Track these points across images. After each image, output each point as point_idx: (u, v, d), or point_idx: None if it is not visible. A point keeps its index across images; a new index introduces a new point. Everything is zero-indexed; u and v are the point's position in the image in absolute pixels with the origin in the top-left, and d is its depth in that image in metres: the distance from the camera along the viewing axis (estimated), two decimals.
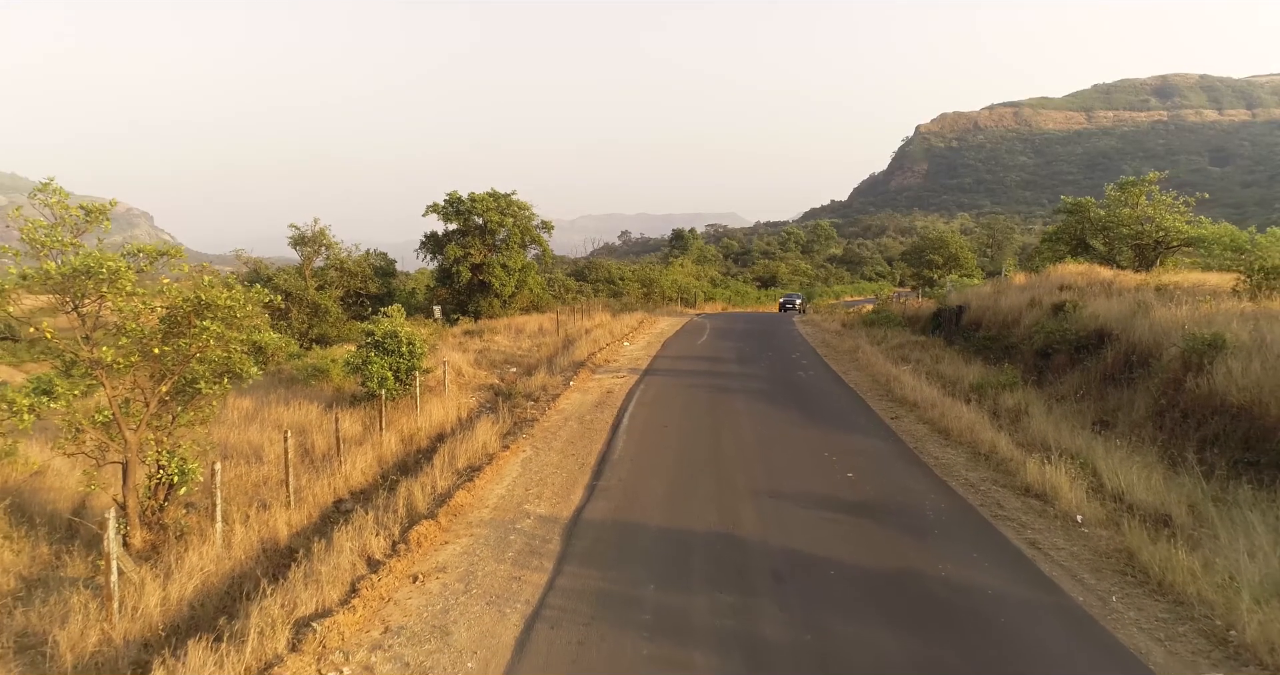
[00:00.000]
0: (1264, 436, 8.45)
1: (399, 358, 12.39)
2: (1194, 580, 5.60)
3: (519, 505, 7.66)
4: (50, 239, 6.30)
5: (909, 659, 4.73)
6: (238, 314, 6.96)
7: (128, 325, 6.30)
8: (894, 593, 5.67)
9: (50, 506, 8.30)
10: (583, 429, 10.99)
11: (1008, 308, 17.68)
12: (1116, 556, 6.30)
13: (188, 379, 7.10)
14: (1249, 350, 9.62)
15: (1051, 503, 7.52)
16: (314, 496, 8.30)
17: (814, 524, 7.03)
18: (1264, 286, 12.22)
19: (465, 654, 4.80)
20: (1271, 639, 4.72)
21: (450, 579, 5.91)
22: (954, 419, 10.69)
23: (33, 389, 6.86)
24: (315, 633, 4.90)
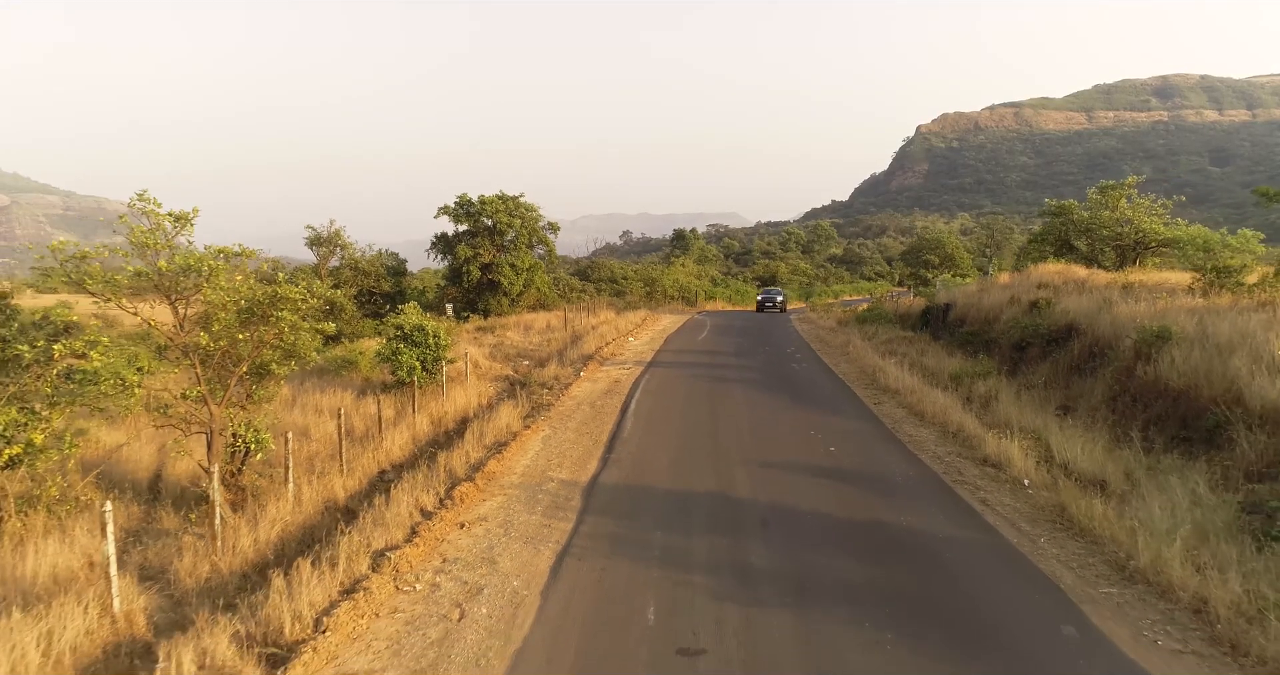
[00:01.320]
0: (1197, 416, 9.60)
1: (425, 349, 13.56)
2: (1109, 526, 6.76)
3: (543, 472, 8.84)
4: (153, 241, 7.47)
5: (868, 580, 5.89)
6: (303, 306, 8.14)
7: (218, 315, 7.48)
8: (861, 535, 6.84)
9: (130, 476, 9.48)
10: (594, 412, 12.16)
11: (989, 305, 18.82)
12: (1052, 511, 7.46)
13: (261, 361, 8.28)
14: (1191, 341, 10.76)
15: (1004, 470, 8.68)
16: (361, 467, 9.48)
17: (797, 486, 8.21)
18: (1215, 284, 13.33)
19: (510, 577, 5.97)
20: (1159, 564, 5.87)
21: (491, 526, 7.09)
22: (930, 403, 11.85)
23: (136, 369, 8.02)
24: (390, 560, 6.07)
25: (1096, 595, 5.67)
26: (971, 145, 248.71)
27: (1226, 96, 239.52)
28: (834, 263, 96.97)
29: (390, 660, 4.73)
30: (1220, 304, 12.32)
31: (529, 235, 33.27)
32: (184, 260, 7.25)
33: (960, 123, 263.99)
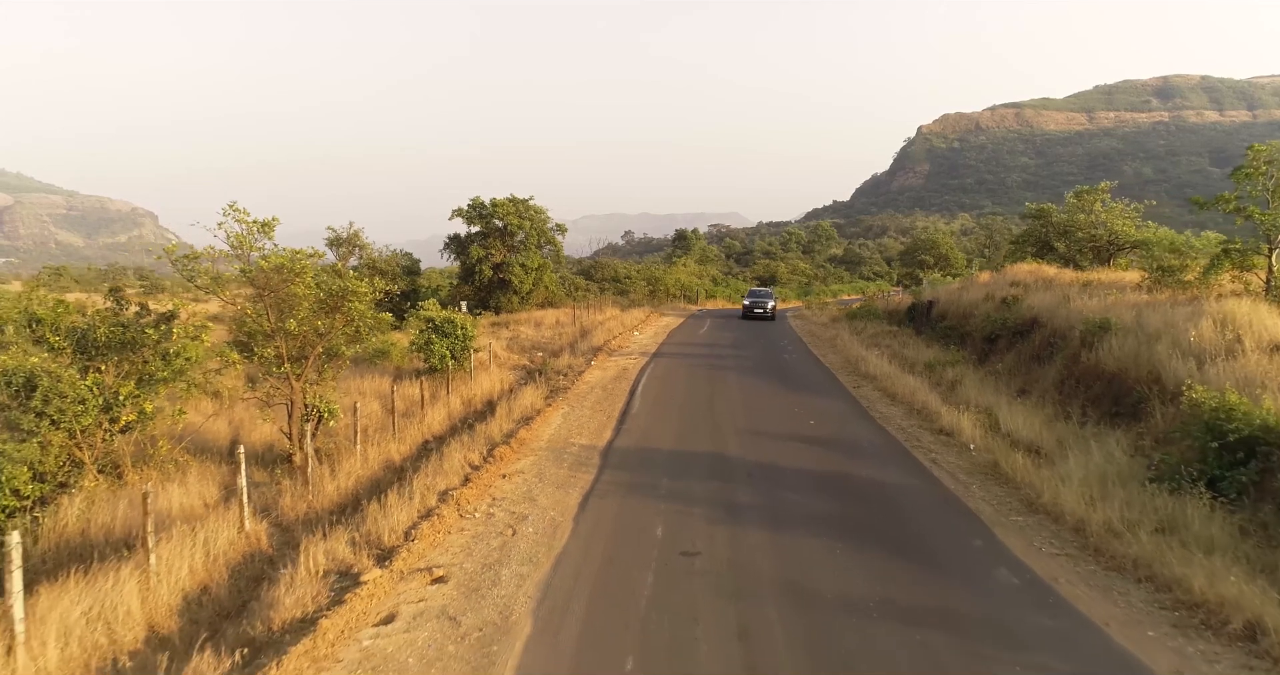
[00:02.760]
0: (1126, 394, 11.18)
1: (454, 339, 15.19)
2: (1028, 476, 8.35)
3: (566, 439, 10.46)
4: (248, 243, 9.10)
5: (829, 511, 7.50)
6: (367, 298, 9.76)
7: (303, 304, 9.10)
8: (828, 483, 8.45)
9: (212, 444, 11.12)
10: (606, 394, 13.78)
11: (967, 301, 20.40)
12: (987, 467, 9.06)
13: (331, 344, 9.90)
14: (1128, 331, 12.34)
15: (955, 438, 10.29)
16: (409, 437, 11.10)
17: (779, 449, 9.82)
18: (1159, 282, 14.89)
19: (548, 509, 7.58)
20: (1057, 500, 7.47)
21: (528, 476, 8.71)
22: (901, 387, 13.46)
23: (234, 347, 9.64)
24: (452, 497, 7.70)
25: (1005, 521, 7.28)
26: (972, 146, 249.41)
27: (1227, 97, 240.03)
28: (834, 263, 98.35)
29: (465, 558, 6.35)
30: (1159, 299, 13.89)
31: (538, 236, 34.89)
32: (277, 259, 8.87)
33: (961, 123, 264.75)
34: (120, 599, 5.38)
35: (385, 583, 5.74)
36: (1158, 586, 5.75)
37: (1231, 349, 10.25)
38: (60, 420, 8.35)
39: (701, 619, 5.23)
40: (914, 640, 4.96)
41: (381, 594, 5.58)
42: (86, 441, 8.71)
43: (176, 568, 5.99)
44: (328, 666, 4.60)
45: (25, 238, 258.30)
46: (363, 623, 5.16)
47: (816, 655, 4.77)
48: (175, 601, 5.71)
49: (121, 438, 9.16)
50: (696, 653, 4.79)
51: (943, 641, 4.94)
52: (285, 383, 9.53)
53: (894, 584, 5.82)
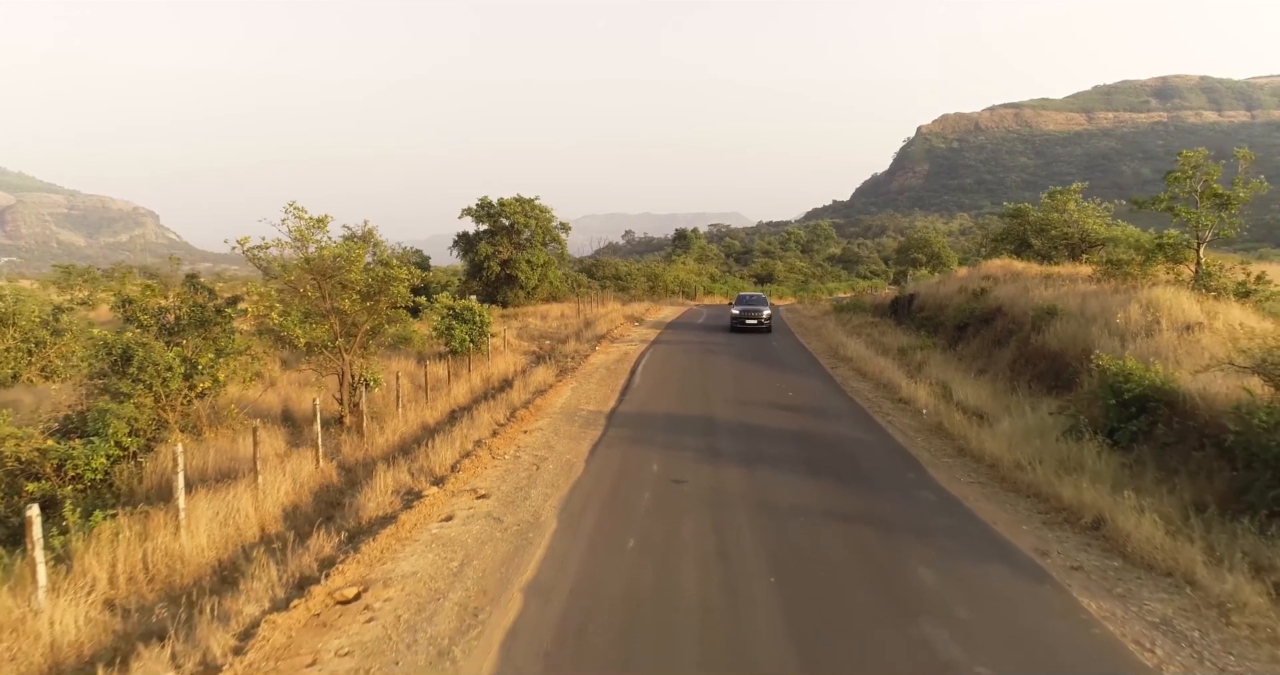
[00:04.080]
0: (1064, 369, 12.80)
1: (473, 325, 16.84)
2: (964, 431, 9.99)
3: (576, 406, 12.11)
4: (307, 235, 10.74)
5: (795, 455, 9.14)
6: (407, 283, 11.40)
7: (355, 287, 10.74)
8: (797, 437, 10.09)
9: (267, 412, 12.77)
10: (609, 373, 15.43)
11: (944, 294, 22.03)
12: (933, 427, 10.70)
13: (376, 323, 11.55)
14: (1072, 316, 13.96)
15: (911, 405, 11.93)
16: (438, 406, 12.74)
17: (760, 413, 11.47)
18: (1108, 274, 16.51)
19: (564, 454, 9.23)
20: (981, 447, 9.10)
21: (545, 432, 10.35)
22: (873, 367, 15.10)
23: (295, 324, 11.27)
24: (485, 444, 9.35)
25: (937, 462, 8.92)
26: (972, 146, 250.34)
27: (1226, 97, 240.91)
28: (832, 262, 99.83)
29: (500, 484, 8.00)
30: (1104, 289, 15.50)
31: (543, 234, 36.55)
32: (334, 249, 10.52)
33: (961, 123, 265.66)
34: (239, 506, 7.03)
35: (441, 497, 7.40)
36: (1040, 500, 7.40)
37: (1151, 329, 11.87)
38: (152, 384, 10.02)
39: (686, 519, 6.87)
40: (846, 531, 6.60)
41: (439, 503, 7.23)
42: (170, 404, 10.37)
43: (276, 488, 7.64)
44: (410, 542, 6.25)
45: (27, 237, 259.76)
46: (429, 519, 6.81)
47: (770, 541, 6.40)
48: (277, 512, 7.36)
49: (199, 402, 10.83)
50: (681, 538, 6.43)
51: (868, 532, 6.58)
52: (338, 355, 11.18)
53: (838, 500, 7.46)
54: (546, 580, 5.53)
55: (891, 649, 4.61)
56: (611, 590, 5.36)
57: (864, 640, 4.71)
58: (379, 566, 5.77)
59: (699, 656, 4.48)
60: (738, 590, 5.38)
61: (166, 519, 6.41)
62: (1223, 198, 13.80)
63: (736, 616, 4.98)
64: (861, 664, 4.44)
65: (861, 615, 5.04)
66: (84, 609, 5.04)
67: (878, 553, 6.12)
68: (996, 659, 4.46)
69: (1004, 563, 5.95)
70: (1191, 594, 5.30)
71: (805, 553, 6.10)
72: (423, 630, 4.78)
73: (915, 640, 4.69)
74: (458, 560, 5.91)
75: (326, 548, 6.14)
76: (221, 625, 4.74)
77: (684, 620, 4.91)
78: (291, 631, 4.75)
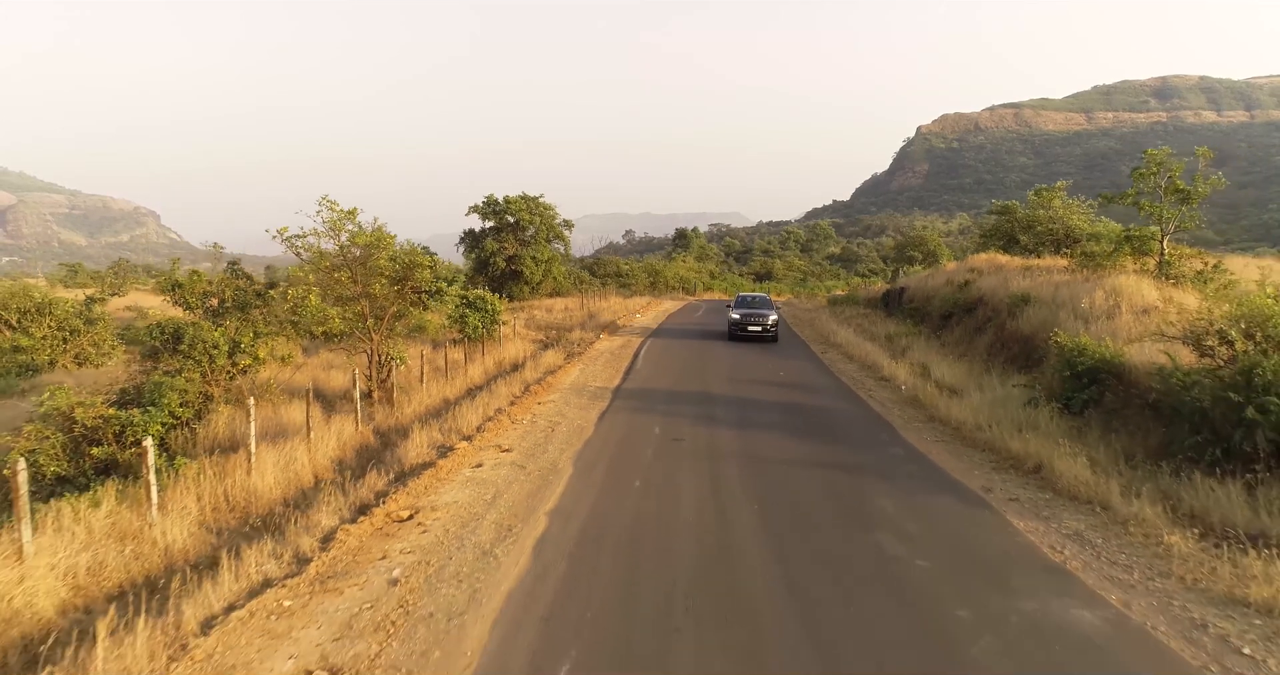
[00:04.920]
0: (1034, 350, 13.88)
1: (485, 313, 17.91)
2: (936, 402, 11.05)
3: (584, 383, 13.18)
4: (340, 225, 11.80)
5: (782, 422, 10.21)
6: (429, 270, 12.47)
7: (385, 273, 11.81)
8: (785, 407, 11.16)
9: (299, 389, 13.84)
10: (613, 357, 16.51)
11: (931, 287, 23.10)
12: (909, 399, 11.77)
13: (401, 307, 12.62)
14: (1043, 303, 15.02)
15: (891, 382, 13.00)
16: (457, 384, 13.82)
17: (752, 388, 12.54)
18: (1082, 265, 17.56)
19: (575, 420, 10.30)
20: (949, 413, 10.17)
21: (558, 403, 11.43)
22: (860, 351, 16.17)
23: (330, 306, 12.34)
24: (505, 411, 10.43)
25: (908, 426, 9.99)
26: (971, 146, 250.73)
27: (1225, 97, 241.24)
28: (831, 261, 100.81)
29: (521, 441, 9.07)
30: (1077, 278, 16.55)
31: (547, 231, 37.64)
32: (367, 238, 11.60)
33: (960, 123, 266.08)
34: (296, 456, 8.10)
35: (470, 450, 8.47)
36: (994, 454, 8.47)
37: (1112, 312, 12.94)
38: (200, 361, 11.10)
39: (683, 467, 7.94)
40: (822, 475, 7.66)
41: (470, 454, 8.31)
42: (216, 379, 11.44)
43: (324, 444, 8.72)
44: (448, 481, 7.33)
45: (28, 237, 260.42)
46: (462, 466, 7.89)
47: (755, 482, 7.47)
48: (327, 463, 8.43)
49: (241, 378, 11.91)
50: (679, 480, 7.50)
51: (841, 475, 7.65)
52: (367, 336, 12.26)
53: (817, 454, 8.53)
54: (566, 507, 6.60)
55: (848, 547, 5.68)
56: (622, 514, 6.43)
57: (827, 543, 5.79)
58: (425, 497, 6.85)
59: (695, 553, 5.55)
60: (726, 513, 6.45)
61: (239, 463, 7.49)
62: (1184, 193, 14.85)
63: (725, 529, 6.05)
64: (824, 557, 5.51)
65: (828, 529, 6.12)
66: (186, 525, 6.12)
67: (847, 489, 7.20)
68: (933, 556, 5.53)
69: (954, 496, 7.02)
70: (1103, 515, 6.37)
71: (785, 490, 7.17)
72: (468, 538, 5.86)
73: (869, 543, 5.76)
74: (490, 494, 6.99)
75: (379, 484, 7.22)
76: (306, 532, 5.82)
77: (682, 532, 5.98)
78: (362, 538, 5.82)
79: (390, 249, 11.81)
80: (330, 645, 4.19)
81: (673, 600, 4.75)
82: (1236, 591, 4.83)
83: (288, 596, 4.79)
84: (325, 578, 5.11)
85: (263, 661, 4.00)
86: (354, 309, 12.07)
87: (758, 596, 4.84)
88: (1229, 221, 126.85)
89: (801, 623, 4.49)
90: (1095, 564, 5.41)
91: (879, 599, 4.84)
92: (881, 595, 4.89)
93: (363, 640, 4.25)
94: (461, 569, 5.25)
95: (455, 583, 5.02)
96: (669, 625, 4.43)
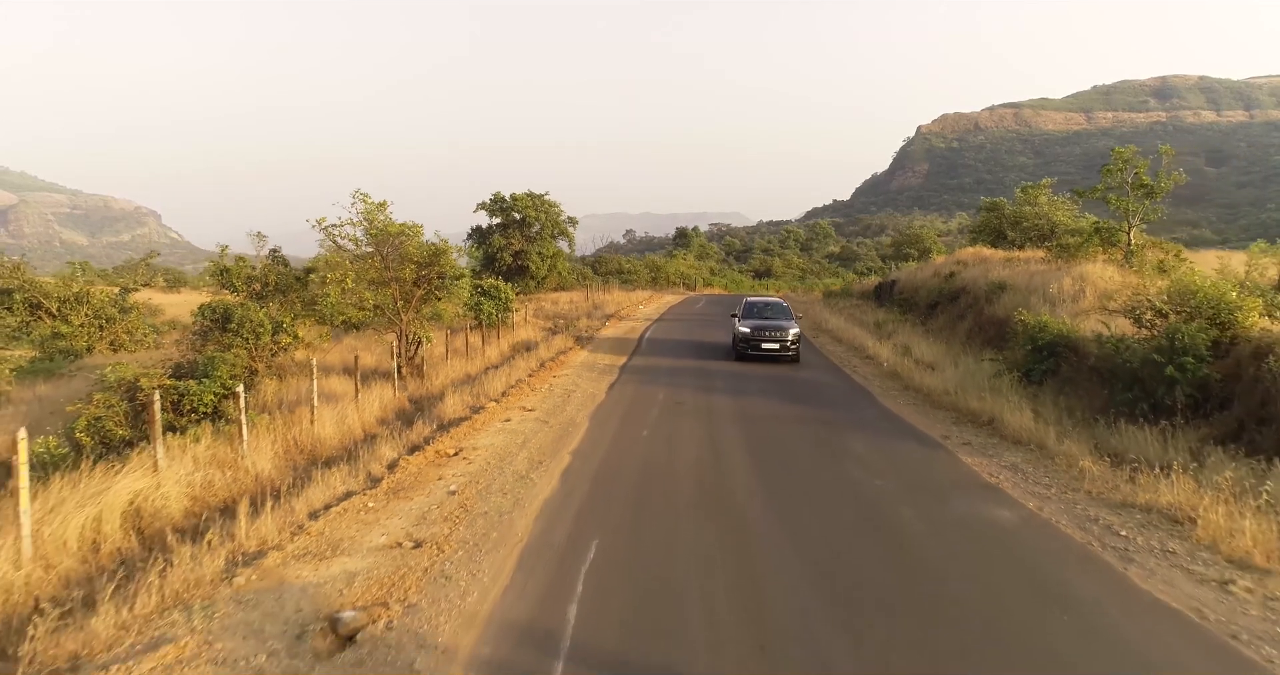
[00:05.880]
0: (1006, 331, 15.07)
1: (499, 301, 19.12)
2: (911, 374, 12.25)
3: (594, 361, 14.41)
4: (373, 216, 13.02)
5: (773, 389, 11.43)
6: (452, 257, 13.69)
7: (413, 259, 13.02)
8: (777, 379, 12.38)
9: (334, 368, 15.06)
10: (619, 342, 17.72)
11: (920, 279, 24.30)
12: (890, 373, 12.99)
13: (427, 290, 13.83)
14: (1017, 289, 16.22)
15: (874, 359, 14.21)
16: (476, 362, 15.04)
17: (746, 365, 13.77)
18: (1057, 256, 18.75)
19: (587, 389, 11.51)
20: (923, 384, 11.37)
21: (571, 376, 12.65)
22: (849, 335, 17.39)
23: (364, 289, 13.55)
24: (523, 381, 11.65)
25: (886, 394, 11.21)
26: (971, 145, 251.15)
27: (1224, 97, 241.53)
28: (830, 260, 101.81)
29: (542, 403, 10.29)
30: (1051, 267, 17.76)
31: (552, 227, 38.84)
32: (398, 228, 12.81)
33: (960, 123, 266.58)
34: (347, 414, 9.31)
35: (499, 408, 9.70)
36: (957, 412, 9.69)
37: (1077, 296, 14.14)
38: (248, 338, 12.31)
39: (685, 423, 9.16)
40: (804, 428, 8.87)
41: (499, 412, 9.53)
42: (260, 355, 12.66)
43: (369, 405, 9.93)
44: (483, 430, 8.55)
45: (30, 236, 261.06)
46: (493, 420, 9.11)
47: (747, 433, 8.67)
48: (372, 420, 9.64)
49: (282, 355, 13.13)
50: (682, 432, 8.71)
51: (821, 428, 8.86)
52: (397, 316, 13.47)
53: (802, 413, 9.75)
54: (586, 449, 7.81)
55: (820, 474, 6.90)
56: (633, 454, 7.64)
57: (802, 470, 7.00)
58: (466, 440, 8.07)
59: (694, 477, 6.76)
60: (720, 454, 7.67)
61: (300, 417, 8.71)
62: (1148, 188, 16.04)
63: (719, 462, 7.27)
64: (799, 479, 6.72)
65: (805, 463, 7.33)
66: (270, 459, 7.33)
67: (825, 437, 8.41)
68: (890, 479, 6.74)
69: (916, 441, 8.23)
70: (1038, 453, 7.58)
71: (772, 438, 8.39)
72: (506, 468, 7.07)
73: (838, 471, 6.98)
74: (521, 439, 8.20)
75: (425, 432, 8.44)
76: (374, 462, 7.04)
77: (684, 465, 7.20)
78: (420, 466, 7.04)
79: (418, 237, 13.01)
80: (411, 528, 5.41)
81: (676, 506, 5.96)
82: (1128, 499, 6.04)
83: (370, 501, 6.00)
84: (396, 490, 6.33)
85: (362, 536, 5.22)
86: (386, 292, 13.27)
87: (743, 502, 6.05)
88: (1228, 221, 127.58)
89: (778, 517, 5.70)
90: (1022, 484, 6.62)
91: (840, 503, 6.05)
92: (842, 501, 6.10)
93: (435, 526, 5.46)
94: (505, 486, 6.47)
95: (501, 495, 6.24)
96: (673, 519, 5.65)
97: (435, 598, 4.25)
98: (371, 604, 4.11)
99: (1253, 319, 8.72)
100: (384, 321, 13.65)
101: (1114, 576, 4.67)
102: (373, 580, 4.47)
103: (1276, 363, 7.63)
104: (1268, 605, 4.23)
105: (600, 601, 4.22)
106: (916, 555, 5.01)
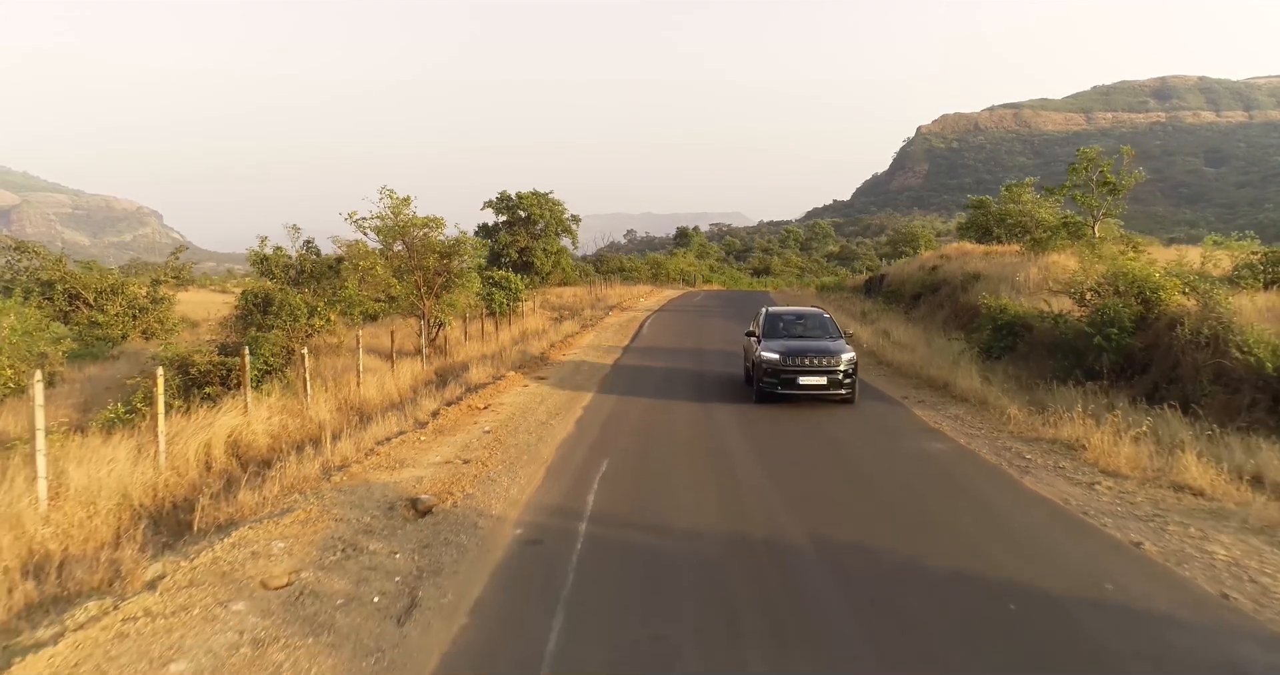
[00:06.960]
0: (976, 317, 16.38)
1: (509, 292, 20.49)
2: (889, 351, 13.58)
3: (599, 343, 15.77)
4: (400, 210, 14.37)
5: None
6: (472, 248, 15.05)
7: (436, 249, 14.37)
8: None
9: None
10: (621, 328, 19.08)
11: (907, 272, 25.66)
12: (871, 354, 14.31)
13: (447, 278, 15.19)
14: (989, 279, 17.55)
15: (854, 339, 15.53)
16: (490, 345, 16.39)
17: (737, 348, 15.01)
18: (1030, 249, 20.07)
19: (594, 365, 12.86)
20: (901, 362, 12.71)
21: (578, 356, 14.00)
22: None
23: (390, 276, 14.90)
24: (544, 354, 13.00)
25: (861, 369, 12.52)
26: (971, 146, 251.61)
27: (1224, 98, 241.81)
28: (830, 259, 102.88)
29: (554, 374, 11.64)
30: (1023, 259, 19.08)
31: (556, 225, 40.22)
32: (423, 220, 14.17)
33: (960, 123, 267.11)
34: (384, 382, 10.67)
35: (517, 377, 11.06)
36: (919, 380, 11.04)
37: (1041, 285, 15.46)
38: (286, 320, 13.67)
39: (681, 388, 10.50)
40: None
41: (517, 380, 10.89)
42: (297, 337, 14.01)
43: (402, 375, 11.29)
44: (505, 392, 9.90)
45: (32, 236, 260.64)
46: (513, 385, 10.47)
47: (733, 395, 10.00)
48: (406, 388, 10.99)
49: (316, 337, 14.49)
50: (678, 395, 10.05)
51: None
52: (421, 301, 14.84)
53: None
54: (594, 407, 9.16)
55: (793, 423, 8.24)
56: (637, 410, 8.99)
57: (779, 421, 8.35)
58: (493, 399, 9.43)
59: (688, 427, 8.12)
60: (710, 413, 9.02)
61: (346, 382, 10.06)
62: (1111, 185, 17.36)
63: (709, 416, 8.63)
64: (775, 427, 8.07)
65: (782, 415, 8.68)
66: (328, 411, 8.68)
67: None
68: (851, 427, 8.10)
69: (879, 401, 9.58)
70: (978, 407, 8.93)
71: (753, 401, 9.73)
72: (529, 417, 8.42)
73: (809, 421, 8.33)
74: (539, 399, 9.56)
75: (456, 392, 9.81)
76: (418, 411, 8.40)
77: (680, 419, 8.56)
78: (457, 415, 8.40)
79: (441, 230, 14.39)
80: (458, 453, 6.76)
81: (674, 445, 7.32)
82: (1042, 435, 7.39)
83: (421, 436, 7.37)
84: (440, 431, 7.69)
85: (421, 456, 6.58)
86: (410, 280, 14.64)
87: (730, 445, 7.40)
88: (1226, 221, 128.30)
89: (757, 454, 7.05)
90: (959, 427, 7.97)
91: (808, 442, 7.41)
92: (810, 441, 7.46)
93: (477, 451, 6.82)
94: (530, 428, 7.83)
95: (527, 433, 7.60)
96: (671, 452, 7.00)
97: (486, 491, 5.60)
98: (439, 493, 5.46)
99: (1174, 297, 10.05)
100: (402, 309, 15.00)
101: (1011, 482, 6.02)
102: (436, 481, 5.82)
103: (1183, 331, 8.98)
104: (1118, 496, 5.57)
105: (612, 494, 5.57)
106: (864, 474, 6.36)
